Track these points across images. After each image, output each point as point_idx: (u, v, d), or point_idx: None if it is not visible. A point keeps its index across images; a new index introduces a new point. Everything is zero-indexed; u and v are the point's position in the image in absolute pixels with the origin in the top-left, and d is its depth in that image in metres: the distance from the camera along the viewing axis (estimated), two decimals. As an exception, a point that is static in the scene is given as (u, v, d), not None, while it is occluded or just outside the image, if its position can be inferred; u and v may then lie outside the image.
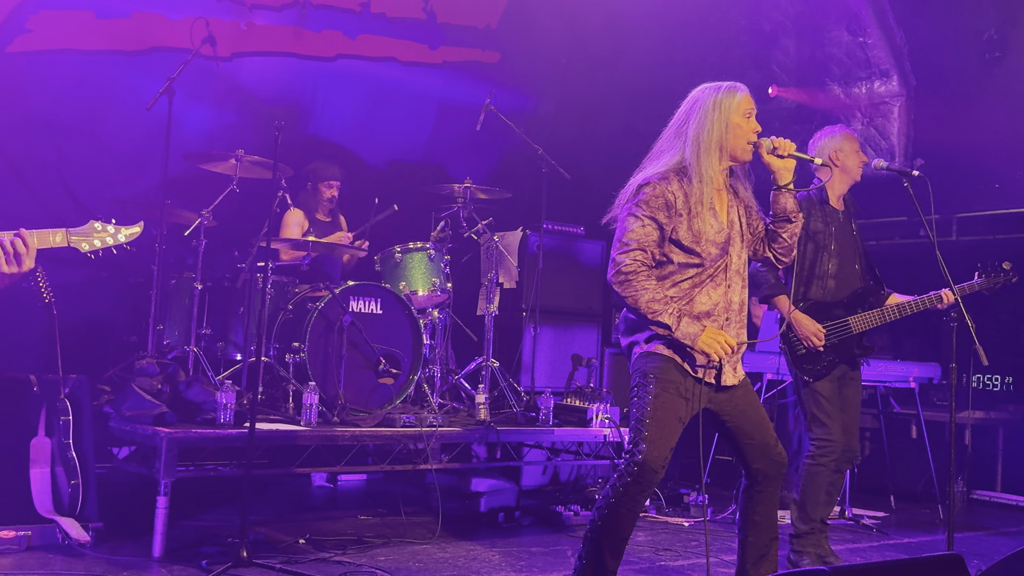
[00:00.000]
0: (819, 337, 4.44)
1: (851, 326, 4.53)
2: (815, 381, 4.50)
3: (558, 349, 7.09)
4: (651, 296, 3.24)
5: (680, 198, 3.30)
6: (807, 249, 4.56)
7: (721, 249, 3.35)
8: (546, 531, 5.28)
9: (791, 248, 3.50)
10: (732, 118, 3.34)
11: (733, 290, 3.40)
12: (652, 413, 3.27)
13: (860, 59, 7.42)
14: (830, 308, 4.55)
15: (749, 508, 3.48)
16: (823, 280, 4.57)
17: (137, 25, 6.31)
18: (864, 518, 6.00)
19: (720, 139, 3.34)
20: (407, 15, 7.45)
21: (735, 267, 3.41)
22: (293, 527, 4.98)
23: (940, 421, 6.89)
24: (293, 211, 6.14)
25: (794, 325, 4.46)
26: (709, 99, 3.37)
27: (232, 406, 4.67)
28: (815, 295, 4.56)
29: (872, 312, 4.56)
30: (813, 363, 4.50)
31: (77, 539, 4.25)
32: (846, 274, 4.61)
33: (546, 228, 6.87)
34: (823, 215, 4.60)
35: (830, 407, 4.50)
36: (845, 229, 4.64)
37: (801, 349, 4.49)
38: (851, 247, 4.65)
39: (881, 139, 7.45)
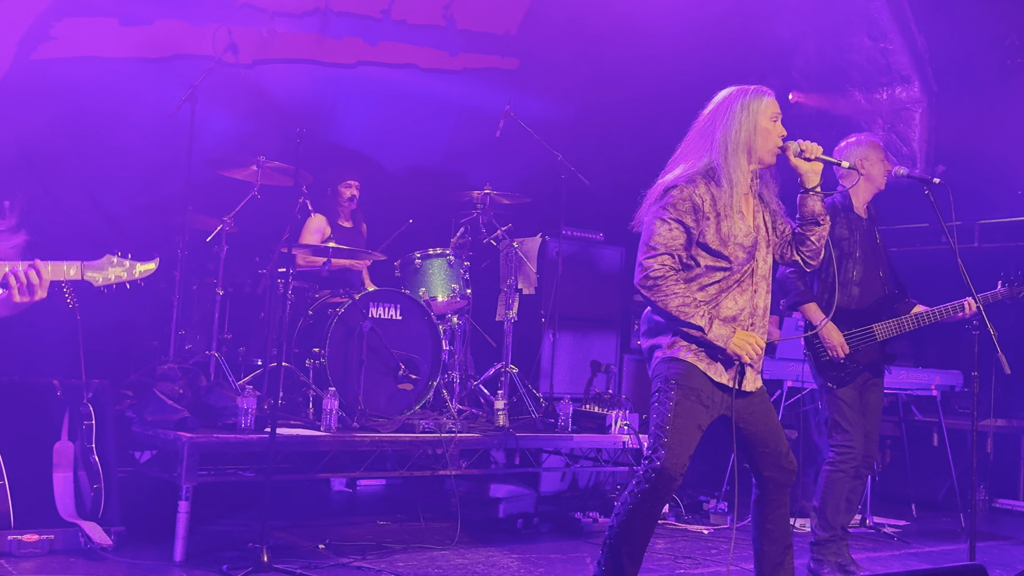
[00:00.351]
0: (843, 349, 4.45)
1: (875, 333, 4.54)
2: (838, 388, 4.51)
3: (577, 355, 7.09)
4: (681, 300, 3.24)
5: (707, 201, 3.29)
6: (832, 255, 4.56)
7: (748, 253, 3.34)
8: (565, 538, 5.28)
9: (819, 251, 3.50)
10: (760, 121, 3.35)
11: (759, 295, 3.39)
12: (672, 420, 3.27)
13: (881, 65, 7.39)
14: (855, 315, 4.56)
15: (762, 517, 3.47)
16: (847, 287, 4.58)
17: (160, 32, 6.36)
18: (885, 527, 5.96)
19: (748, 142, 3.33)
20: (427, 22, 7.48)
21: (761, 272, 3.40)
22: (313, 532, 5.00)
23: (962, 429, 6.85)
24: (315, 217, 6.17)
25: (821, 335, 4.46)
26: (737, 102, 3.37)
27: (253, 411, 4.70)
28: (840, 302, 4.55)
29: (896, 320, 4.56)
30: (836, 370, 4.51)
31: (99, 543, 4.28)
32: (870, 281, 4.62)
33: (565, 234, 6.87)
34: (848, 222, 4.61)
35: (852, 414, 4.50)
36: (869, 236, 4.67)
37: (824, 355, 4.50)
38: (875, 255, 4.67)
39: (902, 145, 7.42)
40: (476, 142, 7.62)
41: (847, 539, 4.59)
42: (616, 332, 7.38)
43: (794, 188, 3.49)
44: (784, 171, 3.48)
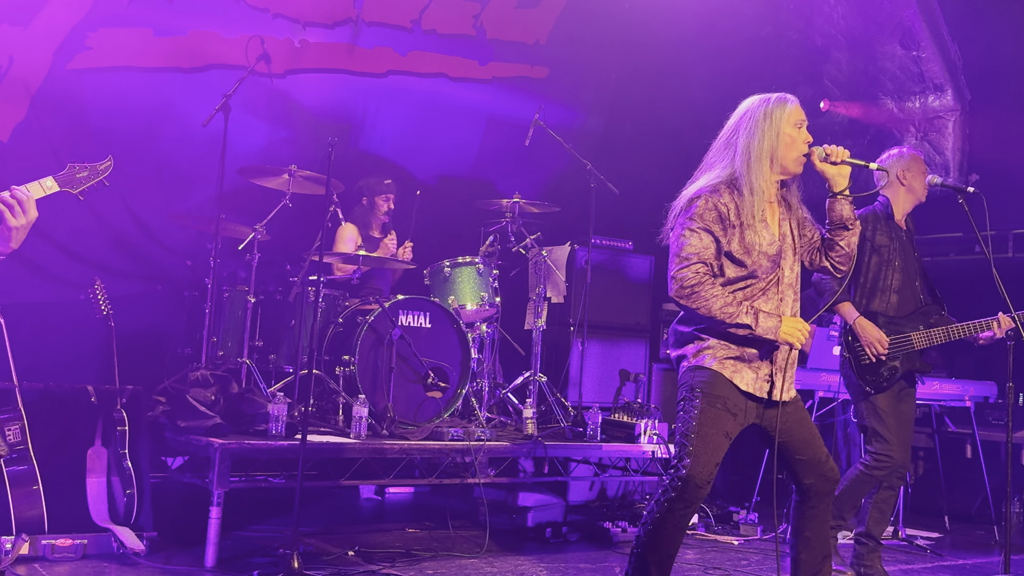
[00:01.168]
0: (883, 344, 4.45)
1: (913, 342, 4.52)
2: (876, 393, 4.49)
3: (606, 364, 7.08)
4: (723, 302, 3.23)
5: (732, 210, 3.28)
6: (871, 262, 4.59)
7: (773, 262, 3.33)
8: (593, 547, 5.27)
9: (850, 256, 3.46)
10: (783, 129, 3.33)
11: (785, 303, 3.38)
12: (698, 428, 3.26)
13: (914, 73, 7.33)
14: (892, 322, 4.56)
15: (801, 524, 3.45)
16: (886, 294, 4.58)
17: (194, 42, 6.44)
18: (918, 539, 5.90)
19: (771, 150, 3.32)
20: (457, 31, 7.51)
21: (787, 280, 3.39)
22: (343, 539, 5.02)
23: (995, 441, 6.76)
24: (347, 226, 6.21)
25: (858, 332, 4.47)
26: (760, 110, 3.36)
27: (284, 418, 4.73)
28: (877, 308, 4.57)
29: (934, 330, 4.57)
30: (875, 374, 4.49)
31: (132, 548, 4.32)
32: (907, 290, 4.63)
33: (594, 243, 6.87)
34: (888, 230, 4.62)
35: (891, 422, 4.50)
36: (907, 247, 4.68)
37: (865, 358, 4.48)
38: (912, 265, 4.68)
39: (936, 154, 7.35)
40: (505, 151, 7.64)
41: (879, 550, 4.57)
42: (645, 341, 7.36)
43: (825, 194, 3.47)
44: (816, 177, 3.46)
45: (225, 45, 6.50)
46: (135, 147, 6.30)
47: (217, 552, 4.33)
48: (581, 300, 6.62)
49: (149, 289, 6.44)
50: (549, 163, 7.82)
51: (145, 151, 6.34)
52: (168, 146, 6.42)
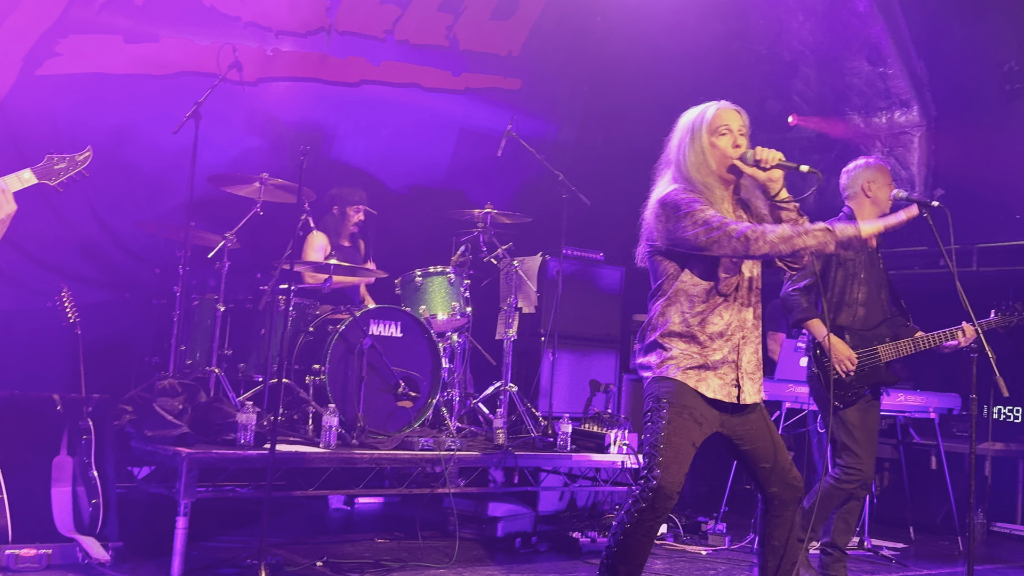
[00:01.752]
0: (852, 362, 4.48)
1: (880, 355, 4.56)
2: (844, 408, 4.52)
3: (576, 374, 7.10)
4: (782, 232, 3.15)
5: None
6: (837, 276, 4.61)
7: (727, 269, 3.36)
8: (563, 557, 5.27)
9: (799, 256, 3.39)
10: (705, 139, 3.35)
11: (747, 307, 3.41)
12: (666, 438, 3.27)
13: (880, 89, 7.44)
14: (859, 335, 4.59)
15: (767, 533, 3.47)
16: (852, 307, 4.61)
17: (165, 50, 6.41)
18: (883, 549, 5.95)
19: (701, 162, 3.34)
20: (431, 42, 7.53)
21: (747, 284, 3.41)
22: (311, 549, 5.00)
23: (960, 452, 6.85)
24: (316, 234, 6.20)
25: (828, 348, 4.48)
26: (686, 125, 3.42)
27: (253, 427, 4.70)
28: (844, 322, 4.59)
29: (900, 342, 4.61)
30: (844, 389, 4.52)
31: (97, 558, 4.27)
32: (873, 303, 4.65)
33: (566, 253, 6.90)
34: None
35: (860, 435, 4.52)
36: (873, 259, 4.70)
37: (834, 374, 4.50)
38: (877, 277, 4.70)
39: (901, 169, 7.45)
40: (478, 161, 7.66)
41: (844, 560, 4.61)
42: (616, 352, 7.39)
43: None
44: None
45: (196, 53, 6.47)
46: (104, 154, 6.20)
47: (183, 563, 4.28)
48: (552, 310, 6.65)
49: (117, 297, 6.39)
50: (521, 174, 7.85)
51: (114, 158, 6.29)
52: (138, 153, 6.38)
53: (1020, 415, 7.56)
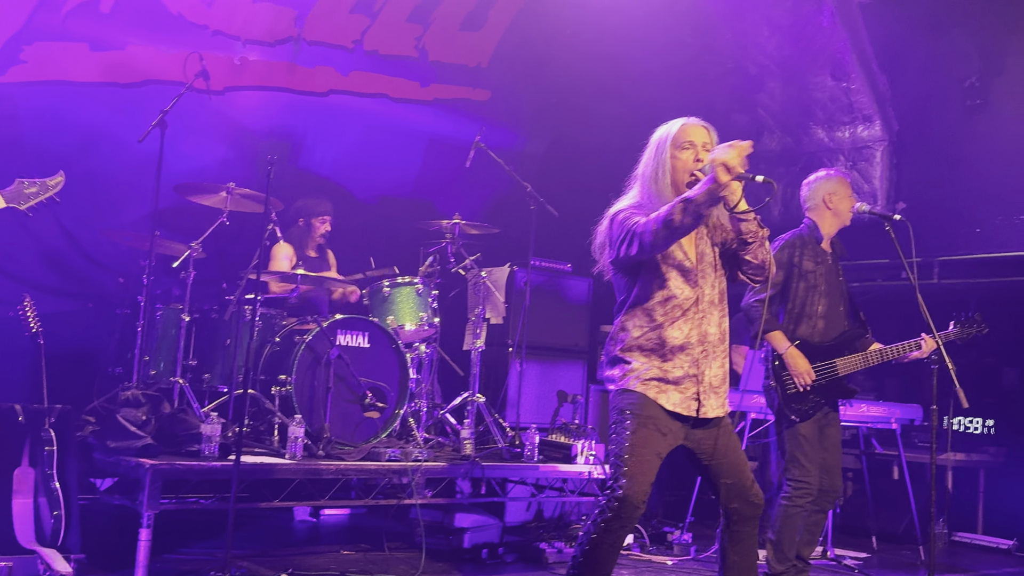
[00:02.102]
0: (810, 376, 4.48)
1: (838, 368, 4.57)
2: (800, 422, 4.51)
3: (544, 385, 7.11)
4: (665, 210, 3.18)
5: None
6: (799, 288, 4.61)
7: (690, 283, 3.39)
8: (529, 568, 5.27)
9: (761, 269, 3.45)
10: (669, 154, 3.41)
11: (708, 322, 3.43)
12: (631, 449, 3.31)
13: (844, 104, 7.54)
14: (818, 348, 4.58)
15: (728, 548, 3.50)
16: (812, 319, 4.61)
17: (131, 58, 6.36)
18: (846, 559, 6.01)
19: (663, 176, 3.40)
20: (399, 53, 7.54)
21: (708, 298, 3.44)
22: (275, 561, 4.96)
23: (922, 462, 6.93)
24: (282, 244, 6.17)
25: (787, 363, 4.49)
26: (654, 141, 3.49)
27: (217, 438, 4.67)
28: (804, 334, 4.59)
29: (858, 355, 4.61)
30: (801, 403, 4.52)
31: (59, 571, 4.21)
32: (833, 315, 4.65)
33: (534, 264, 6.92)
34: (814, 255, 4.64)
35: (810, 449, 4.51)
36: (832, 271, 4.70)
37: (792, 388, 4.51)
38: (837, 289, 4.70)
39: (864, 182, 7.56)
40: (446, 172, 7.67)
41: (808, 570, 4.63)
42: (583, 362, 7.42)
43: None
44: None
45: (163, 61, 6.44)
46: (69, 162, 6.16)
47: (146, 575, 4.24)
48: (520, 321, 6.66)
49: (80, 307, 6.33)
50: (490, 185, 7.87)
51: (79, 166, 6.23)
52: (103, 162, 6.33)
53: (981, 426, 7.67)
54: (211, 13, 6.59)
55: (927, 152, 7.39)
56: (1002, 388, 7.67)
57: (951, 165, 7.22)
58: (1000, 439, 7.51)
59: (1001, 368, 7.70)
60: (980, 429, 7.67)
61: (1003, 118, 6.92)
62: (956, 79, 7.14)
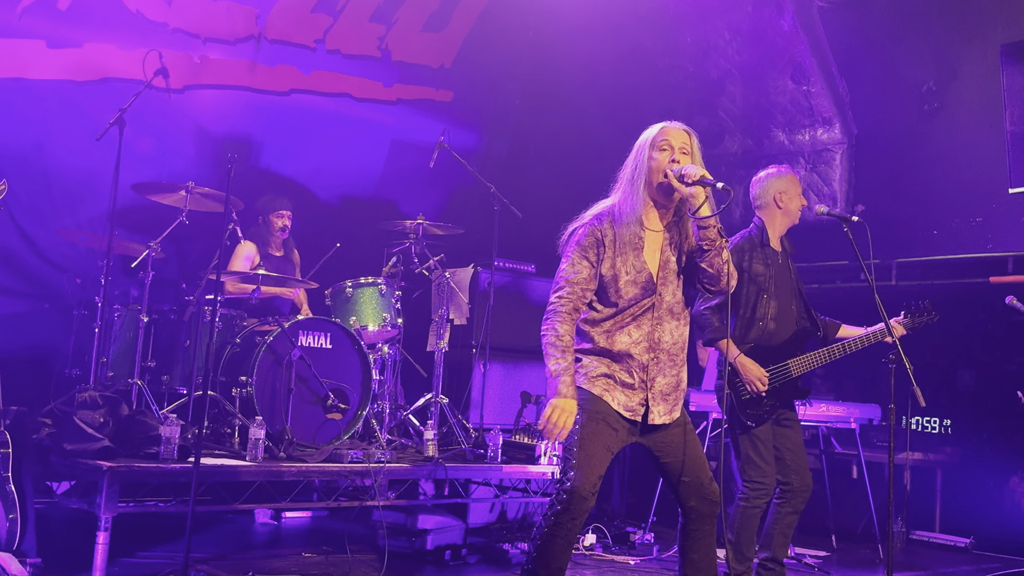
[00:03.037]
0: (763, 382, 4.46)
1: (791, 369, 4.56)
2: (756, 426, 4.52)
3: (507, 386, 7.11)
4: (554, 337, 3.36)
5: (609, 236, 3.40)
6: (748, 291, 4.57)
7: (643, 289, 3.41)
8: (492, 569, 5.27)
9: (716, 277, 3.44)
10: (647, 154, 3.44)
11: (663, 329, 3.44)
12: (580, 443, 3.34)
13: (804, 107, 7.62)
14: (771, 351, 4.57)
15: (686, 547, 3.52)
16: (763, 323, 4.59)
17: (89, 56, 6.27)
18: (806, 557, 6.07)
19: (641, 177, 3.43)
20: (362, 52, 7.51)
21: (666, 305, 3.45)
22: (236, 565, 4.91)
23: (880, 462, 7.01)
24: (244, 244, 6.11)
25: (739, 369, 4.47)
26: (637, 142, 3.51)
27: (176, 440, 4.61)
28: (754, 338, 4.57)
29: (812, 354, 4.61)
30: (756, 408, 4.50)
31: (15, 575, 4.14)
32: (784, 316, 4.63)
33: (497, 265, 6.91)
34: (764, 257, 4.61)
35: (766, 451, 4.52)
36: (783, 271, 4.68)
37: (745, 394, 4.50)
38: (788, 288, 4.68)
39: (823, 185, 7.64)
40: (410, 172, 7.65)
41: (784, 572, 4.65)
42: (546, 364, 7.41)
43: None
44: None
45: (121, 59, 6.35)
46: (24, 160, 6.10)
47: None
48: (483, 322, 6.65)
49: (36, 307, 6.22)
50: (453, 185, 7.86)
51: (34, 165, 6.14)
52: (59, 160, 6.23)
53: (938, 426, 7.79)
54: (171, 11, 6.51)
55: (885, 155, 7.49)
56: (958, 389, 7.79)
57: (909, 168, 7.32)
58: (957, 439, 7.63)
59: (957, 369, 7.81)
60: (937, 429, 7.78)
61: (959, 122, 7.04)
62: (913, 84, 7.25)
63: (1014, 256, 6.92)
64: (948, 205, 7.11)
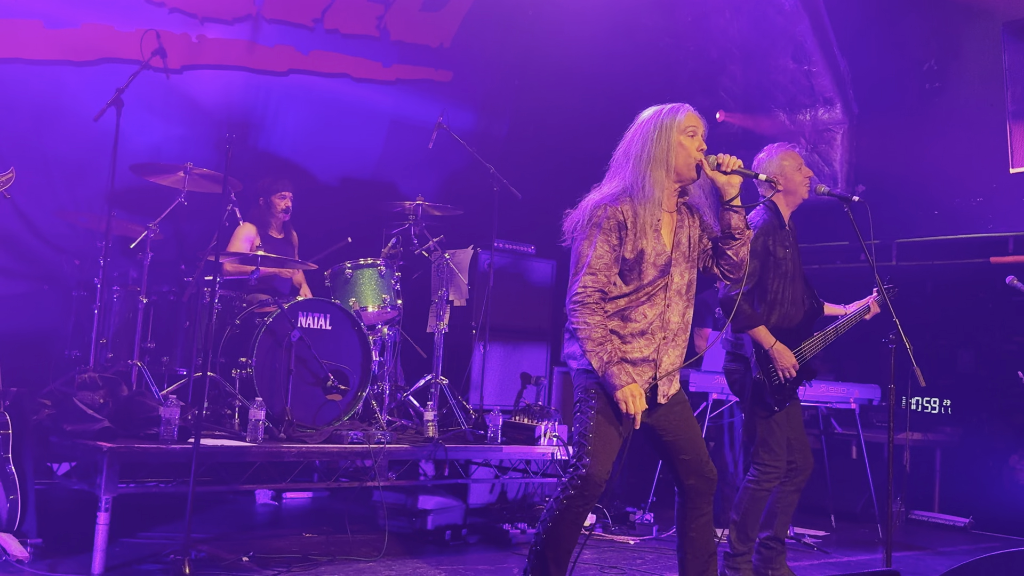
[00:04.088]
0: (795, 369, 4.46)
1: (805, 352, 4.56)
2: (780, 410, 4.50)
3: (507, 367, 7.11)
4: (589, 331, 3.31)
5: (630, 218, 3.36)
6: (773, 276, 4.52)
7: (660, 270, 3.41)
8: (492, 549, 5.29)
9: (739, 265, 3.51)
10: (674, 137, 3.41)
11: (672, 310, 3.44)
12: (595, 428, 3.34)
13: (805, 86, 7.58)
14: (788, 334, 4.55)
15: (684, 525, 3.53)
16: (784, 307, 4.57)
17: (86, 36, 6.24)
18: (805, 537, 6.09)
19: (663, 159, 3.40)
20: (360, 32, 7.46)
21: (676, 287, 3.45)
22: (237, 545, 4.93)
23: (879, 442, 7.03)
24: (245, 225, 6.10)
25: (775, 357, 4.44)
26: (652, 121, 3.46)
27: (176, 421, 4.61)
28: (776, 322, 4.54)
29: (819, 336, 4.62)
30: (782, 393, 4.49)
31: (15, 555, 4.16)
32: (799, 299, 4.64)
33: (497, 246, 6.90)
34: (783, 240, 4.57)
35: (782, 436, 4.52)
36: (796, 253, 4.66)
37: (777, 380, 4.47)
38: (798, 271, 4.68)
39: (824, 165, 7.62)
40: (409, 153, 7.62)
41: (785, 552, 4.66)
42: (546, 344, 7.43)
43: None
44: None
45: (119, 39, 6.32)
46: (22, 141, 6.08)
47: (105, 559, 4.19)
48: (483, 303, 6.65)
49: (35, 288, 6.22)
50: (452, 166, 7.83)
51: (33, 146, 6.12)
52: (57, 141, 6.21)
53: (938, 406, 7.80)
54: (168, -10, 6.48)
55: (886, 135, 7.45)
56: (957, 369, 7.80)
57: (910, 148, 7.29)
58: (956, 419, 7.65)
59: (957, 349, 7.82)
60: (937, 409, 7.79)
61: (960, 101, 7.00)
62: (914, 62, 7.20)
63: (1015, 236, 6.91)
64: (949, 185, 7.09)
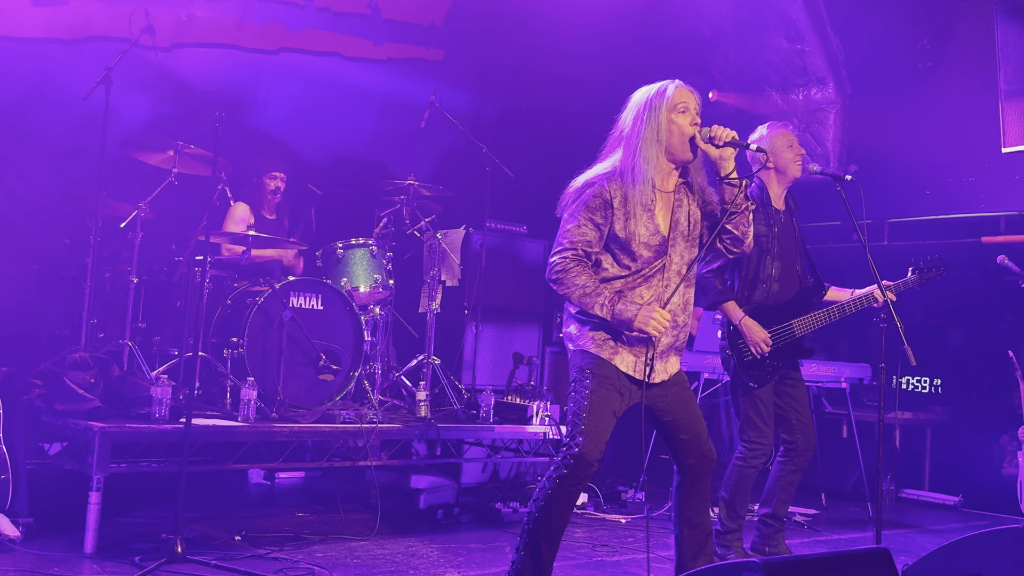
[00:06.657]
0: (767, 344, 4.45)
1: (794, 329, 4.56)
2: (759, 388, 4.52)
3: (499, 347, 7.12)
4: (582, 290, 3.31)
5: (618, 198, 3.35)
6: (752, 253, 4.49)
7: (656, 252, 3.39)
8: (485, 528, 5.30)
9: (741, 239, 3.47)
10: (664, 115, 3.39)
11: (671, 290, 3.43)
12: (589, 407, 3.34)
13: (797, 66, 7.56)
14: (774, 312, 4.56)
15: (683, 504, 3.54)
16: (767, 284, 4.57)
17: (74, 13, 6.18)
18: (796, 515, 6.12)
19: (655, 138, 3.38)
20: (351, 10, 7.40)
21: (675, 268, 3.44)
22: (229, 524, 4.93)
23: (870, 421, 7.06)
24: (238, 205, 6.06)
25: (743, 332, 4.45)
26: (643, 100, 3.44)
27: (168, 401, 4.61)
28: (759, 299, 4.56)
29: (814, 314, 4.59)
30: (759, 369, 4.50)
31: (7, 535, 4.16)
32: (788, 276, 4.62)
33: (489, 226, 6.89)
34: (766, 217, 4.57)
35: (766, 413, 4.53)
36: (787, 229, 4.65)
37: (748, 355, 4.48)
38: (793, 247, 4.66)
39: (817, 145, 7.61)
40: (400, 132, 7.58)
41: (784, 529, 4.68)
42: (538, 324, 7.43)
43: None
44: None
45: (108, 17, 6.26)
46: (10, 120, 6.03)
47: (97, 538, 4.19)
48: (475, 283, 6.64)
49: (24, 268, 6.17)
50: (444, 146, 7.79)
51: (21, 125, 6.07)
52: (46, 120, 6.16)
53: (928, 385, 7.84)
54: (157, -33, 6.41)
55: (879, 114, 7.45)
56: (948, 348, 7.83)
57: (902, 127, 7.30)
58: (946, 398, 7.68)
59: (947, 329, 7.85)
60: (927, 388, 7.83)
61: (952, 80, 7.00)
62: (907, 41, 7.19)
63: (1006, 216, 6.92)
64: (941, 165, 7.10)
